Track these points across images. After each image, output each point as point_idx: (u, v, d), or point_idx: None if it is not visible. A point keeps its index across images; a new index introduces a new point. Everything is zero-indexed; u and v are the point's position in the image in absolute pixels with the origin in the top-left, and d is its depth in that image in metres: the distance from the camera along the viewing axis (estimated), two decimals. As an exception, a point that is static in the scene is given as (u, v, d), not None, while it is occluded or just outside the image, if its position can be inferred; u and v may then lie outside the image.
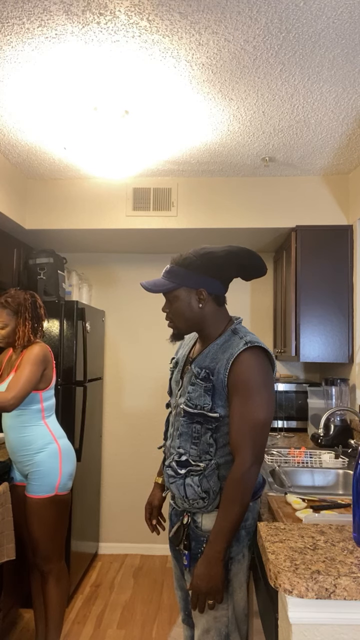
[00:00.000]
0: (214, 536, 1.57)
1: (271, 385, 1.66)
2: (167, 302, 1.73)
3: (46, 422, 2.45)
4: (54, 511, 2.41)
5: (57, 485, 2.40)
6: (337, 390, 3.11)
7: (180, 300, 1.70)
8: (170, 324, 1.77)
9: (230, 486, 1.57)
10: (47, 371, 2.43)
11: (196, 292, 1.69)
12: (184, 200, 3.34)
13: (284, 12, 1.74)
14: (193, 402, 1.67)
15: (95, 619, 3.04)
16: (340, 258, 3.20)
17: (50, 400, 2.48)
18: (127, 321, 4.13)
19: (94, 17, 1.77)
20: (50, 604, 2.46)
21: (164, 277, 1.71)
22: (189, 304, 1.70)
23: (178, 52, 1.98)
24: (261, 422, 1.59)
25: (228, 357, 1.63)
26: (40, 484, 2.39)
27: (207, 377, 1.65)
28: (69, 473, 2.47)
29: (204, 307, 1.70)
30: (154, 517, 1.96)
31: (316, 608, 1.13)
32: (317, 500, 1.88)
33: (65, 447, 2.49)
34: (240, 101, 2.36)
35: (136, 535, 4.00)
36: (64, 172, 3.26)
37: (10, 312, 2.45)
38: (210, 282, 1.69)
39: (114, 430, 4.10)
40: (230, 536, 1.57)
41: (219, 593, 1.56)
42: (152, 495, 1.98)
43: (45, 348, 2.45)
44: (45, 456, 2.40)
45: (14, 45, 1.94)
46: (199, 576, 1.57)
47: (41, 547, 2.42)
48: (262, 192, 3.32)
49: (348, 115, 2.48)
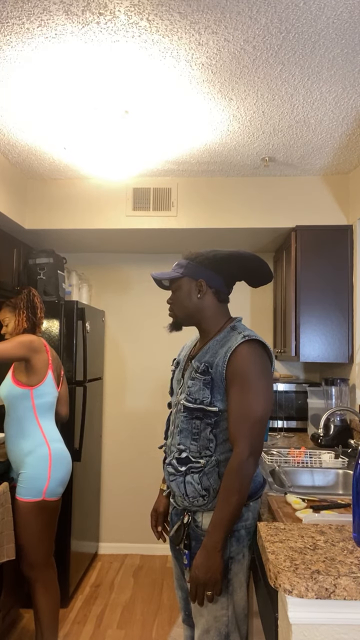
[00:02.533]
0: (212, 527, 1.58)
1: (269, 377, 1.67)
2: (172, 292, 1.83)
3: (39, 423, 2.41)
4: (40, 517, 2.35)
5: (44, 490, 2.34)
6: (337, 390, 3.11)
7: (181, 289, 1.78)
8: (170, 312, 1.86)
9: (228, 477, 1.58)
10: (35, 362, 2.38)
11: (196, 283, 1.76)
12: (184, 200, 3.34)
13: (284, 12, 1.74)
14: (192, 396, 1.69)
15: (95, 619, 3.04)
16: (340, 258, 3.20)
17: (43, 398, 2.42)
18: (127, 321, 4.13)
19: (94, 17, 1.77)
20: (41, 612, 2.40)
21: (172, 269, 1.82)
22: (189, 293, 1.77)
23: (178, 52, 1.98)
24: (259, 413, 1.60)
25: (226, 350, 1.66)
26: (27, 486, 2.34)
27: (206, 370, 1.68)
28: (59, 479, 2.40)
29: (202, 298, 1.76)
30: (160, 523, 1.95)
31: (316, 608, 1.13)
32: (317, 500, 1.87)
33: (58, 451, 2.42)
34: (240, 101, 2.36)
35: (136, 535, 4.00)
36: (63, 172, 3.26)
37: (10, 308, 2.51)
38: (211, 275, 1.75)
39: (114, 430, 4.10)
40: (229, 527, 1.58)
41: (217, 584, 1.56)
42: (157, 502, 1.98)
43: (38, 339, 2.43)
44: (34, 459, 2.36)
45: (14, 45, 1.94)
46: (197, 567, 1.57)
47: (26, 554, 2.36)
48: (262, 192, 3.32)
49: (348, 115, 2.48)
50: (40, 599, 2.41)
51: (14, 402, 2.41)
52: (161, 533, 1.95)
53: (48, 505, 2.37)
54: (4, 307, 2.55)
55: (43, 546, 2.39)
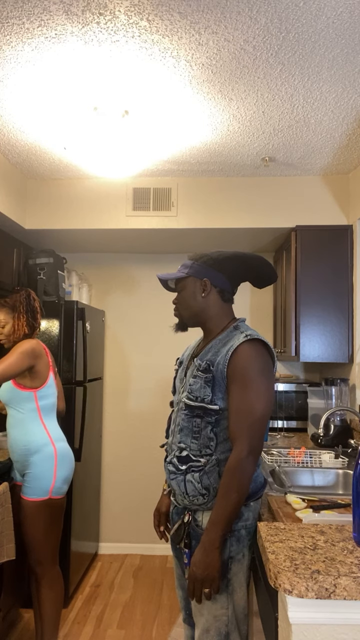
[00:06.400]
0: (211, 524, 1.58)
1: (270, 376, 1.67)
2: (177, 292, 1.84)
3: (44, 424, 2.43)
4: (47, 515, 2.39)
5: (50, 489, 2.38)
6: (337, 390, 3.11)
7: (186, 289, 1.80)
8: (175, 312, 1.87)
9: (227, 474, 1.58)
10: (39, 367, 2.40)
11: (201, 283, 1.78)
12: (183, 200, 3.34)
13: (284, 12, 1.74)
14: (194, 394, 1.69)
15: (95, 619, 3.04)
16: (340, 258, 3.20)
17: (46, 400, 2.45)
18: (127, 321, 4.13)
19: (94, 17, 1.77)
20: (45, 608, 2.44)
21: (177, 270, 1.84)
22: (194, 292, 1.79)
23: (178, 52, 1.98)
24: (259, 412, 1.60)
25: (228, 349, 1.67)
26: (34, 486, 2.37)
27: (208, 368, 1.68)
28: (64, 477, 2.44)
29: (206, 298, 1.78)
30: (162, 523, 1.96)
31: (316, 608, 1.13)
32: (317, 500, 1.88)
33: (63, 450, 2.46)
34: (240, 101, 2.36)
35: (136, 535, 4.00)
36: (63, 172, 3.26)
37: (8, 309, 2.48)
38: (215, 274, 1.77)
39: (114, 430, 4.10)
40: (227, 525, 1.58)
41: (215, 581, 1.56)
42: (160, 502, 1.99)
43: (37, 343, 2.43)
44: (40, 458, 2.38)
45: (13, 45, 1.94)
46: (195, 563, 1.57)
47: (33, 551, 2.40)
48: (262, 192, 3.32)
49: (348, 115, 2.48)
50: (45, 595, 2.44)
51: (17, 405, 2.42)
52: (164, 533, 1.96)
53: (54, 503, 2.41)
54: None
55: (50, 543, 2.43)
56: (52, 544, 2.44)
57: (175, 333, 1.90)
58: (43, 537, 2.39)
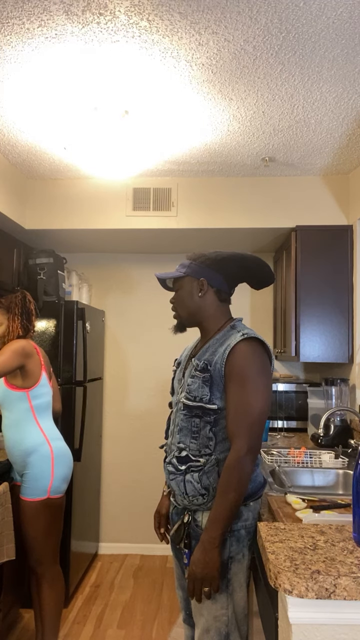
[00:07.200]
0: (210, 523, 1.58)
1: (267, 375, 1.67)
2: (174, 292, 1.85)
3: (39, 423, 2.42)
4: (46, 514, 2.38)
5: (49, 489, 2.37)
6: (337, 390, 3.11)
7: (183, 288, 1.81)
8: (174, 314, 1.87)
9: (226, 473, 1.58)
10: (30, 367, 2.40)
11: (198, 282, 1.78)
12: (184, 201, 3.34)
13: (284, 12, 1.74)
14: (192, 394, 1.70)
15: (95, 619, 3.04)
16: (340, 258, 3.20)
17: (40, 399, 2.43)
18: (127, 321, 4.13)
19: (94, 17, 1.77)
20: (45, 608, 2.44)
21: (175, 270, 1.85)
22: (191, 292, 1.80)
23: (178, 52, 1.98)
24: (257, 410, 1.61)
25: (225, 348, 1.67)
26: (32, 486, 2.37)
27: (206, 367, 1.69)
28: (62, 476, 2.43)
29: (203, 297, 1.79)
30: (163, 525, 1.96)
31: (316, 608, 1.13)
32: (317, 500, 1.88)
33: (59, 449, 2.45)
34: (240, 101, 2.36)
35: (136, 535, 4.00)
36: (63, 172, 3.26)
37: (3, 310, 2.48)
38: (212, 274, 1.78)
39: (114, 430, 4.10)
40: (226, 523, 1.58)
41: (214, 580, 1.56)
42: (160, 504, 1.99)
43: (28, 342, 2.42)
44: (37, 458, 2.38)
45: (14, 45, 1.94)
46: (194, 562, 1.57)
47: (33, 550, 2.40)
48: (262, 192, 3.32)
49: (348, 115, 2.48)
50: (46, 595, 2.44)
51: (11, 405, 2.41)
52: (164, 535, 1.96)
53: (53, 502, 2.40)
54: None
55: (50, 542, 2.43)
56: (53, 544, 2.44)
57: (174, 334, 1.90)
58: (43, 537, 2.39)
